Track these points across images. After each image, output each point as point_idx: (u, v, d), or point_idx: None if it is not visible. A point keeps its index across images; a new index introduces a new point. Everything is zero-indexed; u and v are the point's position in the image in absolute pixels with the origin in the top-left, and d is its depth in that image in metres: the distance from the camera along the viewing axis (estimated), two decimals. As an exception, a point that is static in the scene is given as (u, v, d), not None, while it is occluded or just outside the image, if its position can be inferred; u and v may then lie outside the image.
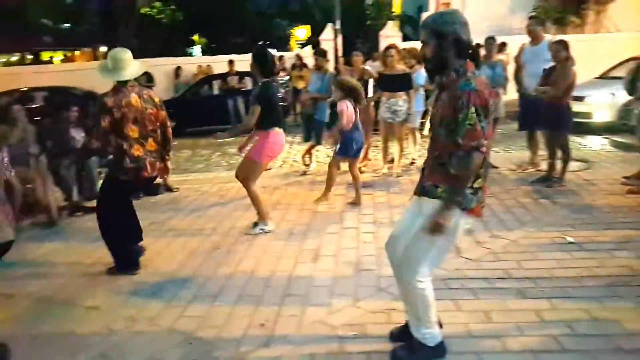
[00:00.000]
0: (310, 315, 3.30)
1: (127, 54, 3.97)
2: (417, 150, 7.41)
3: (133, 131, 3.90)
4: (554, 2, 18.11)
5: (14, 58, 25.32)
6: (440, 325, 2.82)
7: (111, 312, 3.52)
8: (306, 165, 7.47)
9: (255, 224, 4.99)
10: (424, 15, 21.78)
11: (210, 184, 7.03)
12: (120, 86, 3.92)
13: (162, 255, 4.52)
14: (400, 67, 6.62)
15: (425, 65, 2.80)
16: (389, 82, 6.53)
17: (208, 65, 14.93)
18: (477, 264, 3.91)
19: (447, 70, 2.54)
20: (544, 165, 6.24)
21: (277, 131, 4.88)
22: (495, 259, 3.98)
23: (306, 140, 7.53)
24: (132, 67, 3.96)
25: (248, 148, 5.07)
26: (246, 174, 4.85)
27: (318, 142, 7.34)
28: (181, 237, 4.95)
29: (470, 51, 2.55)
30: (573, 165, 6.10)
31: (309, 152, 7.45)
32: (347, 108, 5.42)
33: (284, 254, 4.36)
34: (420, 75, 6.72)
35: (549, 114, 5.66)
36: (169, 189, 6.82)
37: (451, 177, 2.51)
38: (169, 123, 4.22)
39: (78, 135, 6.36)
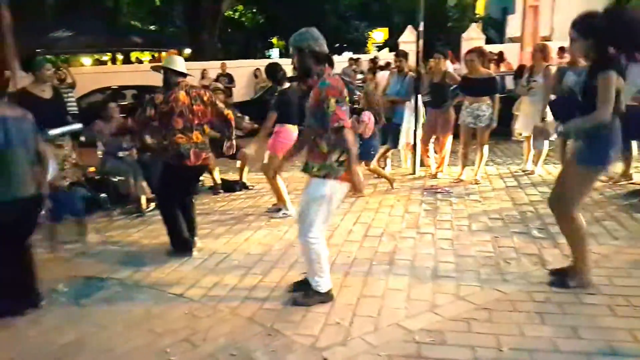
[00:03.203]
0: (386, 317, 3.29)
1: (179, 59, 4.58)
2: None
3: (177, 123, 4.36)
4: (652, 5, 16.96)
5: (105, 57, 26.98)
6: None
7: (195, 300, 3.67)
8: (381, 168, 7.44)
9: (279, 209, 5.67)
10: (510, 18, 21.19)
11: (285, 183, 7.14)
12: (173, 84, 4.44)
13: (241, 249, 4.67)
14: (485, 71, 6.46)
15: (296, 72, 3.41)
16: (473, 86, 6.38)
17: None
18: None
19: (311, 75, 3.29)
20: (637, 178, 5.87)
21: (287, 127, 5.51)
22: (584, 274, 3.78)
23: (382, 143, 7.48)
24: (182, 67, 4.51)
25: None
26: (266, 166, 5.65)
27: (394, 146, 7.29)
28: (259, 232, 5.09)
29: (326, 58, 3.29)
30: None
31: (384, 155, 7.42)
32: (369, 120, 6.00)
33: (358, 256, 4.36)
34: None
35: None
36: (245, 186, 7.05)
37: (322, 155, 3.26)
38: (226, 112, 4.71)
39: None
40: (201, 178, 7.16)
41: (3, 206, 3.39)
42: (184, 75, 4.50)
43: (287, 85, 5.63)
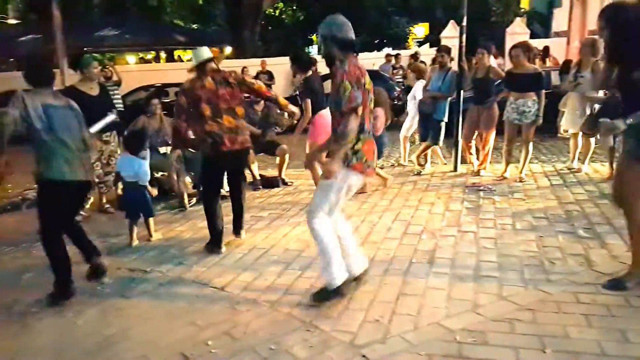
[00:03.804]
0: (426, 316, 3.25)
1: (203, 48, 4.55)
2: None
3: (206, 109, 4.34)
4: None
5: (149, 56, 27.62)
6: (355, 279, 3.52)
7: (236, 294, 3.73)
8: (421, 165, 7.35)
9: None
10: (556, 12, 20.55)
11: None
12: (199, 72, 4.42)
13: (280, 245, 4.70)
14: (531, 66, 6.28)
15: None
16: (518, 81, 6.22)
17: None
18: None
19: (335, 62, 3.25)
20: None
21: (321, 114, 5.66)
22: (634, 276, 3.63)
23: (422, 139, 7.40)
24: (207, 53, 4.48)
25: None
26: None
27: (435, 143, 7.18)
28: (298, 228, 5.10)
29: (350, 45, 3.24)
30: None
31: (424, 152, 7.33)
32: (381, 115, 6.05)
33: (398, 253, 4.32)
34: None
35: None
36: (284, 182, 7.10)
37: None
38: (256, 85, 4.64)
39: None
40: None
41: (54, 186, 3.62)
42: (209, 60, 4.47)
43: (309, 72, 5.71)
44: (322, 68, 4.59)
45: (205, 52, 4.51)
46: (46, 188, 3.66)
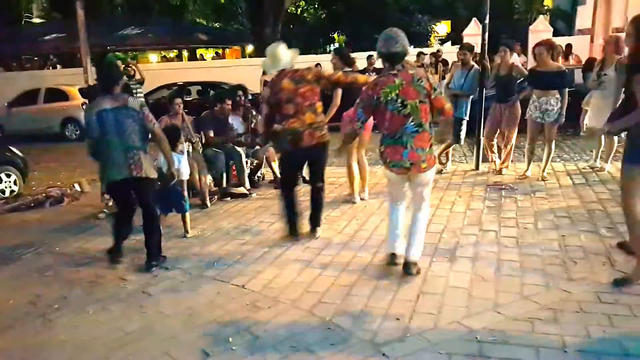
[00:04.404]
0: (446, 315, 3.25)
1: (279, 48, 4.68)
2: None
3: (288, 109, 4.51)
4: None
5: (172, 54, 27.91)
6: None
7: (256, 292, 3.76)
8: (442, 164, 7.31)
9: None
10: (580, 9, 20.22)
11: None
12: (276, 77, 4.63)
13: (300, 243, 4.70)
14: (555, 64, 6.20)
15: None
16: (541, 79, 6.15)
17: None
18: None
19: None
20: None
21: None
22: (658, 276, 3.58)
23: (444, 138, 7.35)
24: (286, 57, 4.67)
25: None
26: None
27: (456, 141, 7.13)
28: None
29: (384, 57, 3.62)
30: None
31: (445, 150, 7.28)
32: None
33: (418, 252, 4.32)
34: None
35: None
36: (305, 180, 7.10)
37: None
38: (334, 78, 4.76)
39: (237, 125, 6.92)
40: (261, 173, 7.36)
41: (110, 187, 4.34)
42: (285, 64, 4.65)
43: (350, 68, 5.67)
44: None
45: (278, 55, 4.64)
46: (107, 188, 4.51)
